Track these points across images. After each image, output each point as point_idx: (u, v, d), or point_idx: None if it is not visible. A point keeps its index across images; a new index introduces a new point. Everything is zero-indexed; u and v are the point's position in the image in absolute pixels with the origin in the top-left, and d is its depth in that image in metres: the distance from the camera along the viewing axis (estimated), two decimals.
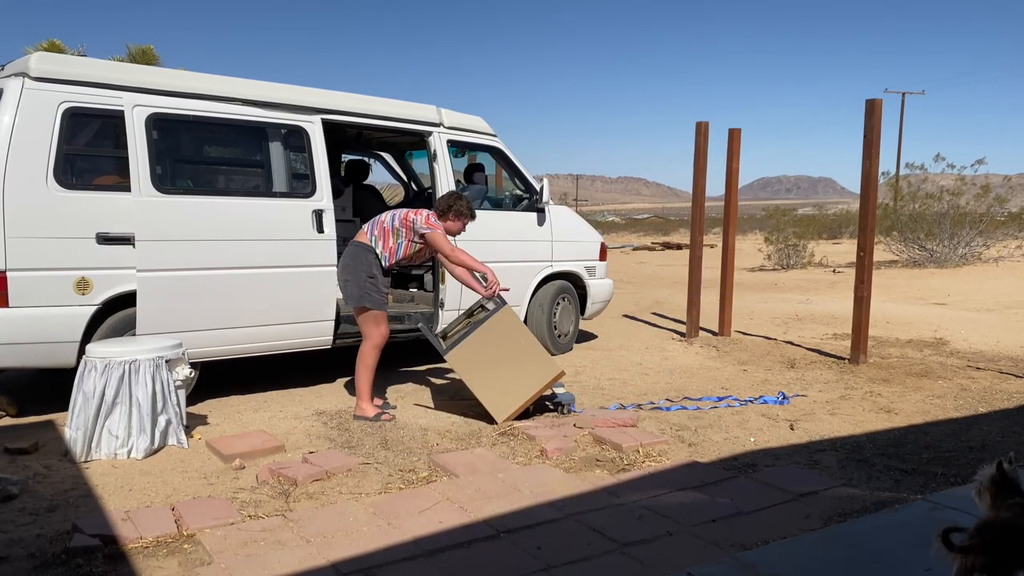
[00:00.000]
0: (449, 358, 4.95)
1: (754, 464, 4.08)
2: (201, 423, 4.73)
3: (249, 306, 5.20)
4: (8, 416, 4.82)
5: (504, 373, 4.86)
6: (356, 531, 3.14)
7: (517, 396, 4.85)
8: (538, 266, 6.92)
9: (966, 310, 10.20)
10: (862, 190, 6.86)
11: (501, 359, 4.87)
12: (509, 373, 4.86)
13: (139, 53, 13.59)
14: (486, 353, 4.88)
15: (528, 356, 4.90)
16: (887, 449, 4.36)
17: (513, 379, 4.86)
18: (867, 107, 6.70)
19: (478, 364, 4.89)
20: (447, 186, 6.33)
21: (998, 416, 5.10)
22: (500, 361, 4.86)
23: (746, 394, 5.70)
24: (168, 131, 5.11)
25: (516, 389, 4.85)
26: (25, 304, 4.49)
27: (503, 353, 4.87)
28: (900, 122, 42.39)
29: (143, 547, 2.99)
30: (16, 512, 3.36)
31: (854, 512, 3.34)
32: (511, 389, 4.85)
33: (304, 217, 5.43)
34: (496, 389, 4.85)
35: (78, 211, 4.63)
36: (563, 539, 3.07)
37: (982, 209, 17.35)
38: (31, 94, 4.53)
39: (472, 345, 4.91)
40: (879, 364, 6.68)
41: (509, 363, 4.86)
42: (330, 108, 5.75)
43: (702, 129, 8.06)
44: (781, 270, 17.94)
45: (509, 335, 4.93)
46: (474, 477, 3.78)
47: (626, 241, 37.03)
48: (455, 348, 4.94)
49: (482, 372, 4.88)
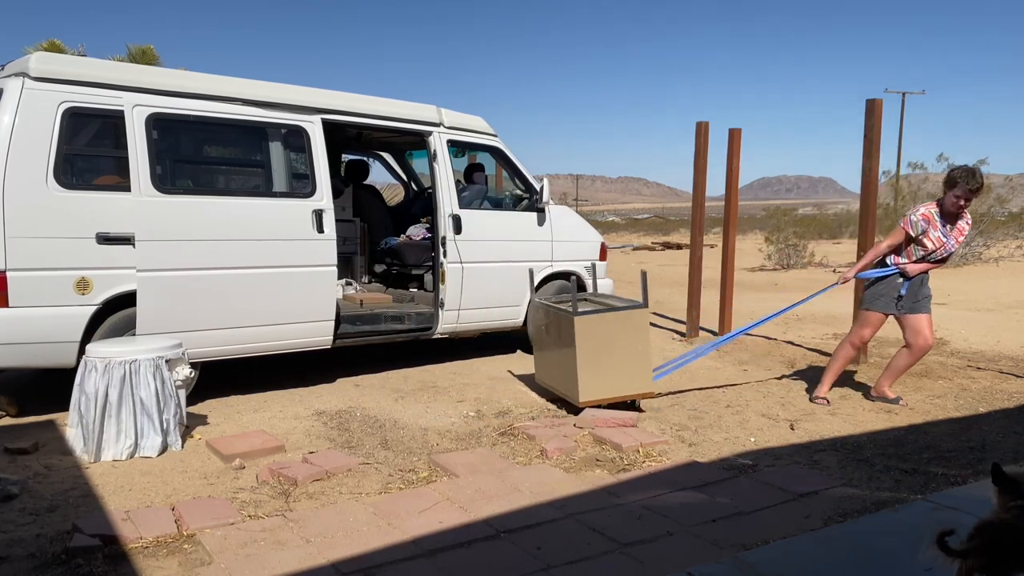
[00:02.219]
0: (577, 321, 4.91)
1: (754, 464, 4.09)
2: (201, 423, 4.73)
3: (249, 306, 5.20)
4: (8, 416, 4.82)
5: (612, 362, 4.91)
6: (356, 531, 3.14)
7: (609, 389, 4.93)
8: (538, 266, 6.92)
9: (966, 310, 10.20)
10: (862, 190, 6.86)
11: (617, 349, 4.91)
12: (616, 364, 4.91)
13: (139, 53, 13.58)
14: (609, 335, 4.92)
15: (639, 360, 4.95)
16: (887, 449, 4.36)
17: (616, 372, 4.91)
18: (867, 107, 6.70)
19: (596, 340, 4.92)
20: (447, 186, 6.33)
21: (998, 416, 5.10)
22: (615, 350, 4.91)
23: (748, 394, 5.71)
24: (168, 131, 5.10)
25: (612, 382, 4.92)
26: (25, 304, 4.49)
27: (622, 345, 4.91)
28: (900, 122, 42.43)
29: (143, 547, 2.99)
30: (16, 512, 3.36)
31: (854, 512, 3.35)
32: (608, 380, 4.91)
33: (304, 217, 5.43)
34: (597, 371, 4.90)
35: (78, 211, 4.62)
36: (563, 539, 3.07)
37: (983, 209, 17.34)
38: (31, 94, 4.53)
39: (604, 320, 4.94)
40: (879, 364, 6.67)
41: (622, 356, 4.91)
42: (330, 108, 5.75)
43: (702, 129, 8.06)
44: (781, 270, 17.93)
45: (636, 333, 4.96)
46: (474, 477, 3.78)
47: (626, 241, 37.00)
48: (586, 315, 4.95)
49: (595, 348, 4.90)
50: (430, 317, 6.33)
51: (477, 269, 6.42)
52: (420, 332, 6.30)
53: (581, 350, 4.87)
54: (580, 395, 4.87)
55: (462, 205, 6.42)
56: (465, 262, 6.34)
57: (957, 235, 5.11)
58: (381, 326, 6.07)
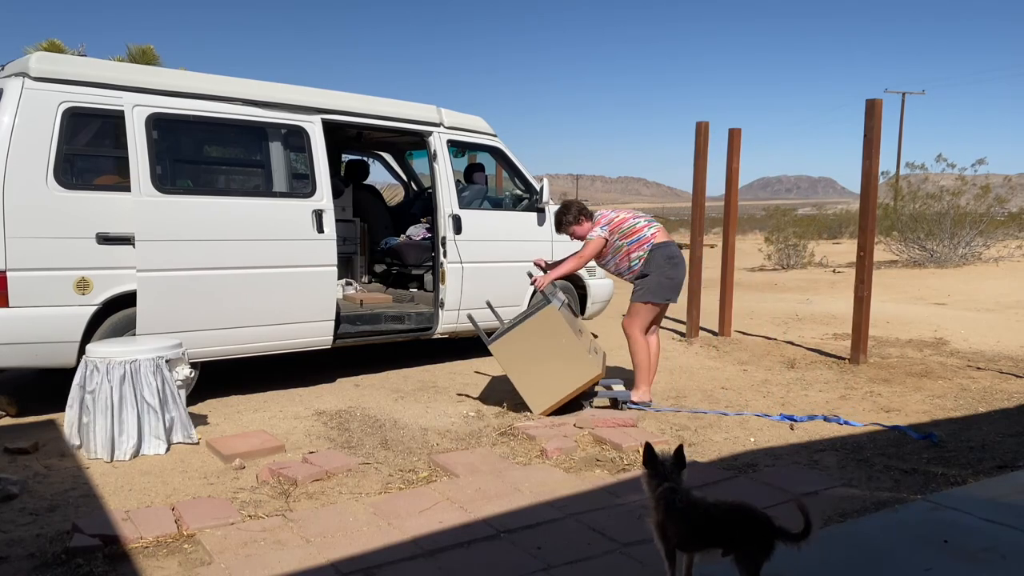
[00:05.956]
0: (492, 348, 5.08)
1: (754, 464, 4.09)
2: (201, 423, 4.73)
3: (249, 306, 5.20)
4: (8, 416, 4.82)
5: (544, 368, 4.96)
6: (356, 531, 3.14)
7: (554, 392, 4.97)
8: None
9: (966, 310, 10.20)
10: (862, 190, 6.86)
11: (542, 355, 4.95)
12: (548, 369, 4.95)
13: (139, 53, 13.55)
14: (528, 347, 4.98)
15: (568, 355, 4.96)
16: (887, 449, 4.36)
17: (552, 375, 4.96)
18: (867, 107, 6.70)
19: (519, 357, 5.01)
20: (447, 186, 6.33)
21: (998, 416, 5.10)
22: (541, 357, 4.96)
23: (748, 394, 5.70)
24: (168, 131, 5.10)
25: (554, 385, 4.97)
26: (25, 304, 4.49)
27: (544, 349, 4.95)
28: (900, 122, 42.41)
29: (143, 547, 2.99)
30: (16, 512, 3.36)
31: (854, 512, 3.35)
32: (549, 385, 4.97)
33: (304, 217, 5.43)
34: (535, 383, 4.99)
35: (78, 211, 4.62)
36: (563, 539, 3.07)
37: (982, 209, 17.34)
38: (31, 94, 4.53)
39: (515, 338, 5.04)
40: (879, 364, 6.68)
41: (549, 359, 4.95)
42: (330, 108, 5.75)
43: (702, 129, 8.06)
44: (781, 270, 17.93)
45: (552, 333, 4.98)
46: (474, 477, 3.78)
47: None
48: (498, 339, 5.07)
49: (522, 365, 5.00)
50: (430, 317, 6.33)
51: (477, 269, 6.42)
52: (420, 332, 6.30)
53: (510, 371, 5.05)
54: (533, 409, 5.00)
55: (462, 205, 6.42)
56: (465, 262, 6.34)
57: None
58: (381, 326, 6.07)
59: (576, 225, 5.30)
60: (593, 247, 5.19)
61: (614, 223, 5.20)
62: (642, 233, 5.16)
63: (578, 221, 5.29)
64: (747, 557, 2.38)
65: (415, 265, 7.16)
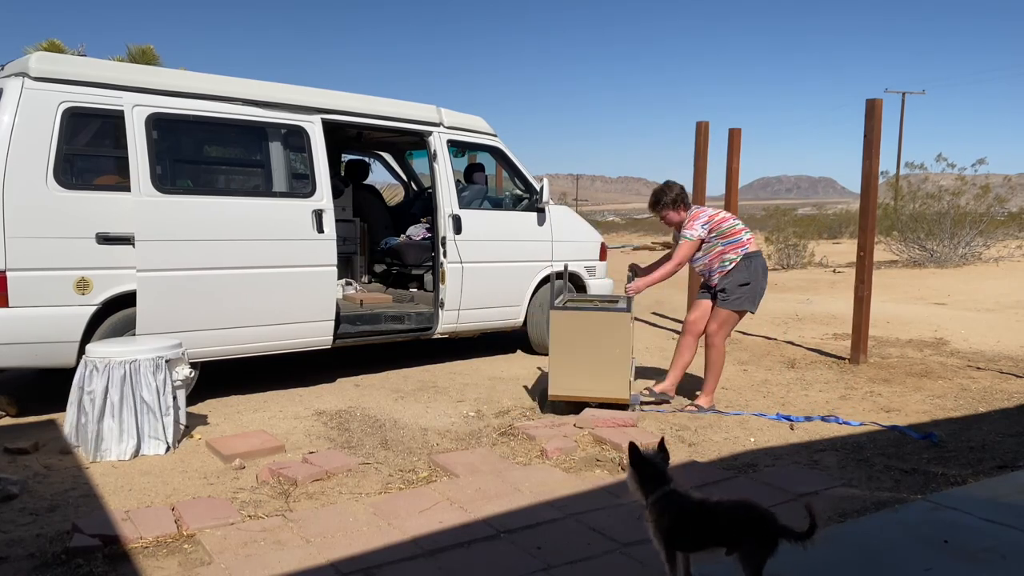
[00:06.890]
0: (553, 313, 4.97)
1: (754, 464, 4.09)
2: (201, 423, 4.73)
3: (249, 306, 5.20)
4: (8, 416, 4.82)
5: (584, 361, 4.86)
6: (356, 531, 3.14)
7: (578, 388, 4.91)
8: (538, 266, 6.92)
9: (966, 310, 10.20)
10: (862, 190, 6.86)
11: (591, 349, 4.85)
12: (588, 365, 4.86)
13: (139, 53, 13.56)
14: (584, 335, 4.87)
15: (613, 367, 4.86)
16: (887, 449, 4.36)
17: (587, 373, 4.87)
18: (867, 107, 6.70)
19: (570, 336, 4.89)
20: (447, 186, 6.33)
21: (998, 416, 5.10)
22: (589, 350, 4.85)
23: (748, 394, 5.70)
24: (168, 131, 5.10)
25: (582, 383, 4.89)
26: (25, 304, 4.49)
27: (597, 347, 4.85)
28: (900, 122, 42.44)
29: (143, 547, 2.99)
30: (16, 512, 3.36)
31: (854, 512, 3.34)
32: (578, 379, 4.89)
33: (304, 217, 5.43)
34: (567, 368, 4.89)
35: (78, 211, 4.62)
36: (563, 539, 3.07)
37: (982, 209, 17.33)
38: (31, 94, 4.53)
39: (579, 318, 4.93)
40: (879, 364, 6.68)
41: (595, 358, 4.85)
42: (330, 108, 5.75)
43: (702, 129, 8.06)
44: (781, 270, 17.92)
45: (613, 338, 4.85)
46: (474, 477, 3.78)
47: (626, 241, 36.97)
48: (564, 310, 4.98)
49: (568, 345, 4.88)
50: (430, 317, 6.32)
51: (477, 269, 6.42)
52: (420, 332, 6.30)
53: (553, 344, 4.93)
54: (551, 390, 4.91)
55: (462, 205, 6.42)
56: (465, 262, 6.34)
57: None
58: (381, 326, 6.07)
59: (671, 211, 5.20)
60: (688, 249, 5.11)
61: (715, 221, 5.11)
62: (739, 236, 5.10)
63: (675, 207, 5.19)
64: (750, 554, 2.38)
65: (415, 265, 7.16)
